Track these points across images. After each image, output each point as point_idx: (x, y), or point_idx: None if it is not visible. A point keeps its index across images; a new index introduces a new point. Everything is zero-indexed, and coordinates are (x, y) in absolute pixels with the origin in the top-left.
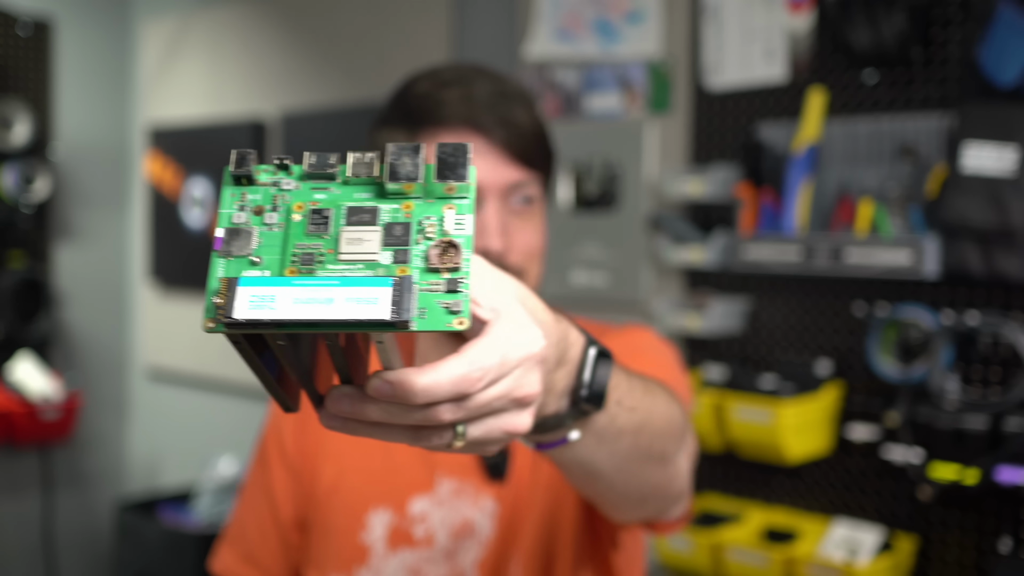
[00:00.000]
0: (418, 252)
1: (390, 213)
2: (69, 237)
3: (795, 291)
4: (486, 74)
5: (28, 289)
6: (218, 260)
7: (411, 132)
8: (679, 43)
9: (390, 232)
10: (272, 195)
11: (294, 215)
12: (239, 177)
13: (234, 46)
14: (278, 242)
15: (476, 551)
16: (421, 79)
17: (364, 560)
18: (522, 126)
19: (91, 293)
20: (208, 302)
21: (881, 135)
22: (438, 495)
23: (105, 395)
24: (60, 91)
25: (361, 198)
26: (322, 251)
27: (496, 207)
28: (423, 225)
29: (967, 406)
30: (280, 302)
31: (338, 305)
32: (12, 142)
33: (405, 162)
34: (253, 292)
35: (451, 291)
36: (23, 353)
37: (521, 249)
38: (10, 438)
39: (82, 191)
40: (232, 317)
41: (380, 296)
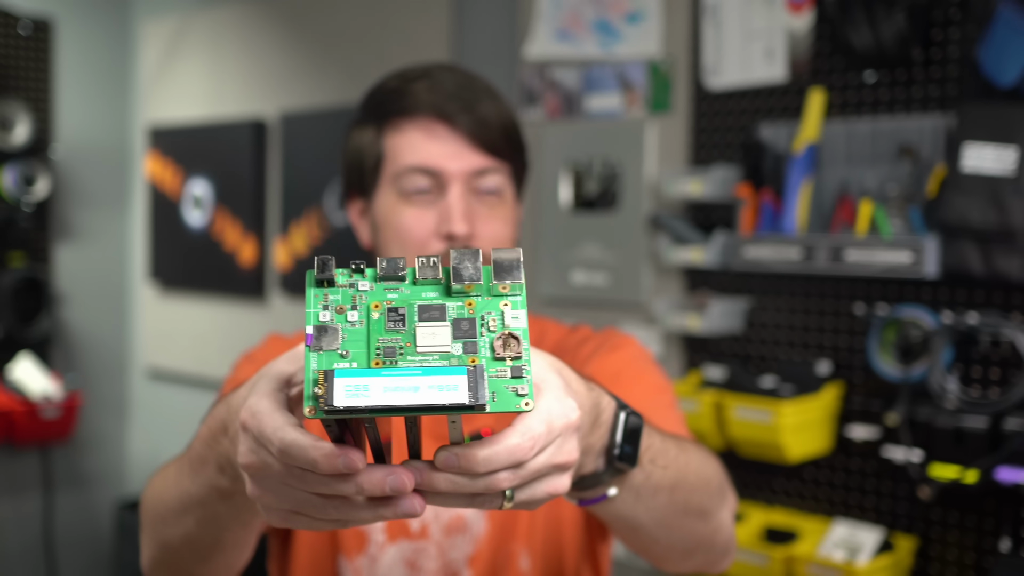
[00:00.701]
0: (484, 343)
1: (456, 310)
2: (69, 237)
3: (795, 291)
4: (453, 69)
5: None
6: (311, 355)
7: (379, 126)
8: (679, 43)
9: (458, 327)
10: (351, 295)
11: (373, 313)
12: (321, 281)
13: (234, 46)
14: (362, 337)
15: (468, 547)
16: (390, 77)
17: (362, 548)
18: (486, 115)
19: (91, 293)
20: (308, 391)
21: (881, 135)
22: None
23: (105, 395)
24: (60, 91)
25: (429, 297)
26: (401, 344)
27: (460, 192)
28: (485, 319)
29: (967, 406)
30: (373, 390)
31: (423, 392)
32: (12, 142)
33: (467, 266)
34: (348, 383)
35: (516, 376)
36: (23, 353)
37: (488, 238)
38: (10, 438)
39: (82, 191)
40: (333, 405)
41: (459, 383)
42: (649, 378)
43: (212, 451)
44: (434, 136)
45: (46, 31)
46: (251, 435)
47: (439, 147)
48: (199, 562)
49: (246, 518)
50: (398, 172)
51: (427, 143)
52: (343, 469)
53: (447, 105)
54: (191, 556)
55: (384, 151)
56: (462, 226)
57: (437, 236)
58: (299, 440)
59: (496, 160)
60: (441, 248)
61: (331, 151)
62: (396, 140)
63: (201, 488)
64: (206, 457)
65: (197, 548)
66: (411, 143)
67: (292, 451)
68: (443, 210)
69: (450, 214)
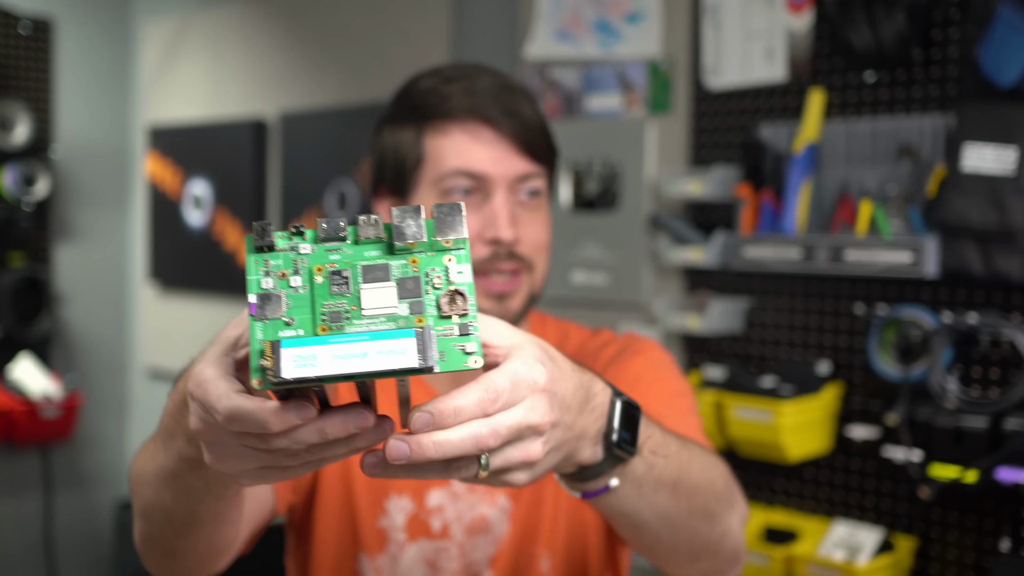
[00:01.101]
0: (430, 302)
1: (400, 269)
2: (69, 237)
3: (795, 291)
4: (487, 70)
5: (28, 289)
6: (256, 324)
7: (419, 126)
8: (679, 43)
9: (403, 286)
10: (292, 259)
11: (316, 277)
12: (261, 247)
13: (234, 46)
14: (306, 303)
15: (490, 548)
16: (424, 76)
17: (383, 546)
18: (528, 118)
19: (91, 293)
20: (255, 362)
21: (881, 135)
22: (454, 488)
23: (105, 395)
24: (60, 91)
25: (372, 256)
26: (347, 308)
27: (505, 198)
28: (430, 276)
29: (967, 406)
30: (321, 360)
31: (372, 358)
32: (12, 142)
33: (409, 224)
34: (296, 353)
35: (463, 334)
36: (23, 353)
37: (530, 241)
38: (10, 438)
39: (82, 191)
40: (281, 377)
41: (407, 347)
42: (669, 383)
43: (178, 423)
44: (478, 139)
45: (46, 31)
46: (198, 404)
47: (484, 151)
48: (178, 536)
49: (218, 490)
50: (441, 175)
51: (471, 146)
52: (297, 421)
53: (490, 108)
54: (171, 530)
55: (425, 152)
56: (509, 232)
57: (482, 240)
58: (244, 405)
59: (537, 165)
60: (486, 252)
61: (331, 151)
62: (439, 142)
63: (172, 461)
64: (174, 430)
65: (175, 522)
66: (455, 146)
67: (239, 417)
68: (488, 215)
69: (496, 219)
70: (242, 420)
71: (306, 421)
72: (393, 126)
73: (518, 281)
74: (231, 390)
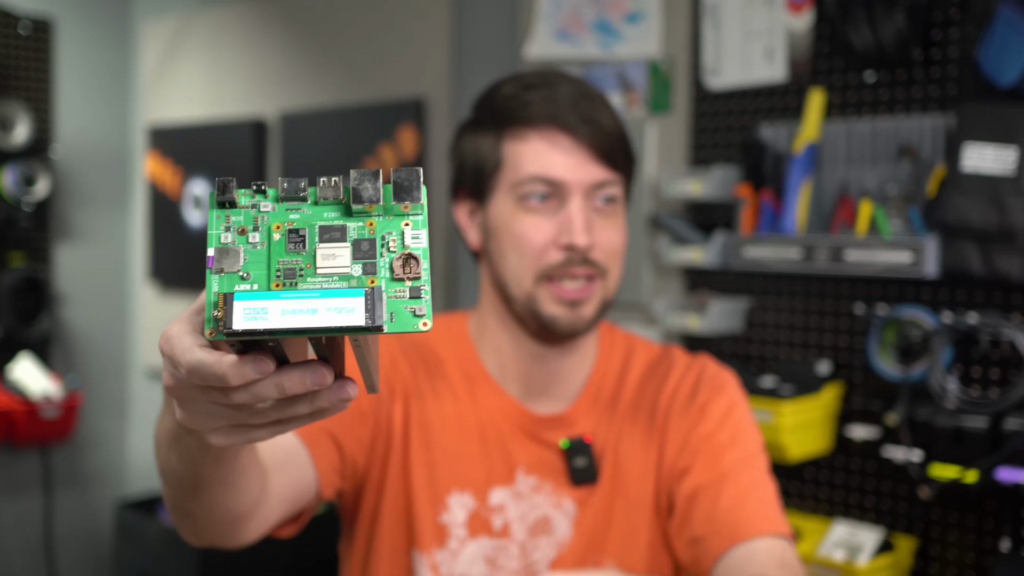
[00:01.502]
0: (383, 264)
1: (357, 230)
2: (69, 237)
3: (795, 291)
4: (568, 77)
5: (28, 289)
6: (212, 277)
7: (498, 132)
8: (679, 43)
9: (358, 247)
10: (253, 216)
11: (274, 234)
12: (223, 202)
13: (234, 46)
14: (263, 259)
15: (551, 551)
16: (506, 82)
17: (443, 542)
18: (606, 126)
19: (91, 293)
20: (208, 313)
21: (881, 135)
22: (517, 488)
23: (105, 395)
24: (60, 91)
25: (330, 217)
26: (302, 266)
27: (580, 204)
28: (386, 240)
29: (967, 406)
30: (271, 313)
31: (321, 314)
32: (12, 142)
33: (367, 187)
34: (247, 305)
35: (414, 297)
36: (23, 353)
37: (605, 248)
38: (10, 438)
39: (82, 191)
40: (231, 328)
41: (356, 305)
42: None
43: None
44: (556, 146)
45: (46, 31)
46: (167, 359)
47: (561, 158)
48: (188, 498)
49: (216, 453)
50: (518, 180)
51: (549, 153)
52: (255, 375)
53: (569, 116)
54: (180, 492)
55: (504, 158)
56: (583, 238)
57: (556, 246)
58: (204, 358)
59: (614, 172)
60: (560, 257)
61: (331, 151)
62: (517, 148)
63: (172, 422)
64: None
65: (183, 484)
66: (533, 152)
67: (200, 370)
68: (563, 220)
69: (571, 225)
70: (202, 373)
71: (263, 375)
72: (474, 131)
73: (592, 288)
74: (195, 344)
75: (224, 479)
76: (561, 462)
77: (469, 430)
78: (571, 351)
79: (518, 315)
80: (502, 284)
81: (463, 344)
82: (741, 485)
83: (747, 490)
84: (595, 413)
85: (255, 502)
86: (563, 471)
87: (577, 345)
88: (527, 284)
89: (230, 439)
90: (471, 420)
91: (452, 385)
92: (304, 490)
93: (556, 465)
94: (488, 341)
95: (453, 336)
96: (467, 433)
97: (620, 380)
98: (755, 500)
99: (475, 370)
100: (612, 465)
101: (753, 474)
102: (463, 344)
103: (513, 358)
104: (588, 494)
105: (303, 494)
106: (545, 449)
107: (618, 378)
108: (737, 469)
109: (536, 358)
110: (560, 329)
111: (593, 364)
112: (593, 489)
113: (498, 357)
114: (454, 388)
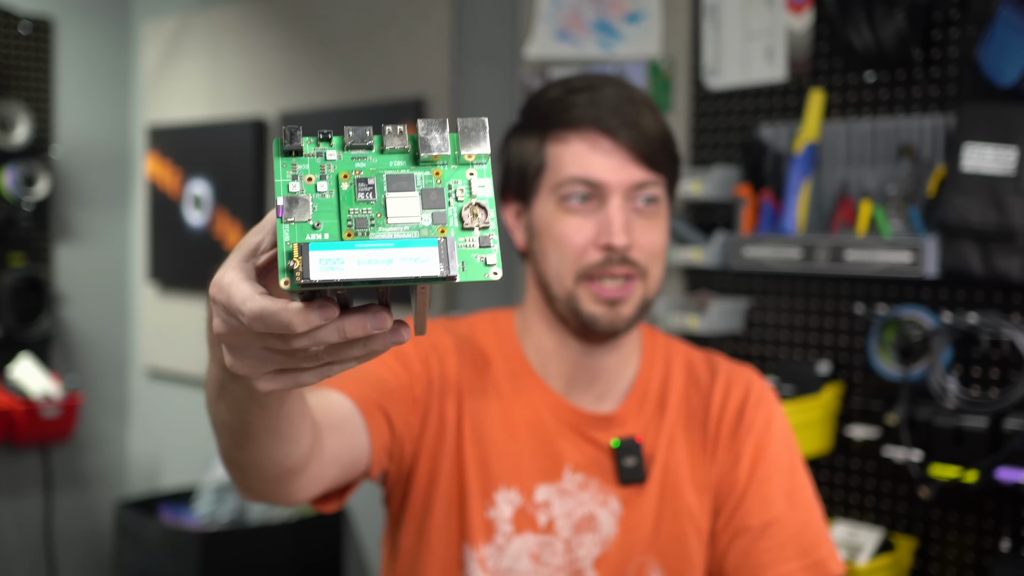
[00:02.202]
0: (452, 213)
1: (424, 180)
2: (69, 237)
3: (795, 291)
4: (614, 81)
5: (28, 289)
6: (283, 226)
7: (542, 135)
8: (679, 43)
9: (427, 197)
10: (319, 165)
11: (343, 183)
12: (288, 151)
13: (234, 46)
14: (332, 208)
15: (596, 548)
16: (552, 86)
17: (490, 537)
18: (647, 129)
19: (91, 293)
20: (283, 263)
21: (881, 135)
22: (563, 485)
23: (105, 395)
24: (60, 91)
25: (397, 166)
26: (372, 215)
27: (619, 204)
28: (453, 189)
29: (967, 406)
30: (348, 263)
31: (396, 265)
32: (12, 142)
33: (435, 136)
34: (323, 256)
35: (483, 246)
36: (23, 353)
37: (644, 248)
38: (10, 438)
39: (82, 191)
40: (309, 279)
41: (430, 255)
42: (785, 466)
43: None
44: (597, 149)
45: (46, 31)
46: (220, 307)
47: (601, 160)
48: (237, 448)
49: (262, 399)
50: (560, 182)
51: (590, 155)
52: (320, 321)
53: (610, 119)
54: (230, 442)
55: (546, 160)
56: (622, 238)
57: (596, 246)
58: (269, 306)
59: (654, 173)
60: (600, 257)
61: None
62: (559, 150)
63: (218, 370)
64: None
65: (233, 434)
66: (574, 154)
67: (264, 317)
68: (603, 221)
69: (610, 226)
70: (267, 320)
71: (328, 321)
72: (519, 134)
73: (631, 287)
74: (255, 292)
75: (272, 428)
76: (609, 461)
77: (517, 427)
78: (613, 350)
79: (560, 314)
80: (544, 283)
81: (509, 342)
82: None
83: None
84: (644, 415)
85: (306, 456)
86: (611, 470)
87: (619, 344)
88: (568, 283)
89: (277, 383)
90: (519, 417)
91: (498, 384)
92: (356, 458)
93: (604, 463)
94: (532, 339)
95: (500, 333)
96: (515, 430)
97: (665, 383)
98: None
99: (521, 368)
100: (662, 470)
101: (806, 495)
102: (509, 342)
103: (556, 356)
104: (635, 494)
105: (355, 462)
106: (594, 447)
107: (663, 381)
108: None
109: (578, 356)
110: (600, 328)
111: (638, 365)
112: (640, 489)
113: (541, 354)
114: (499, 387)
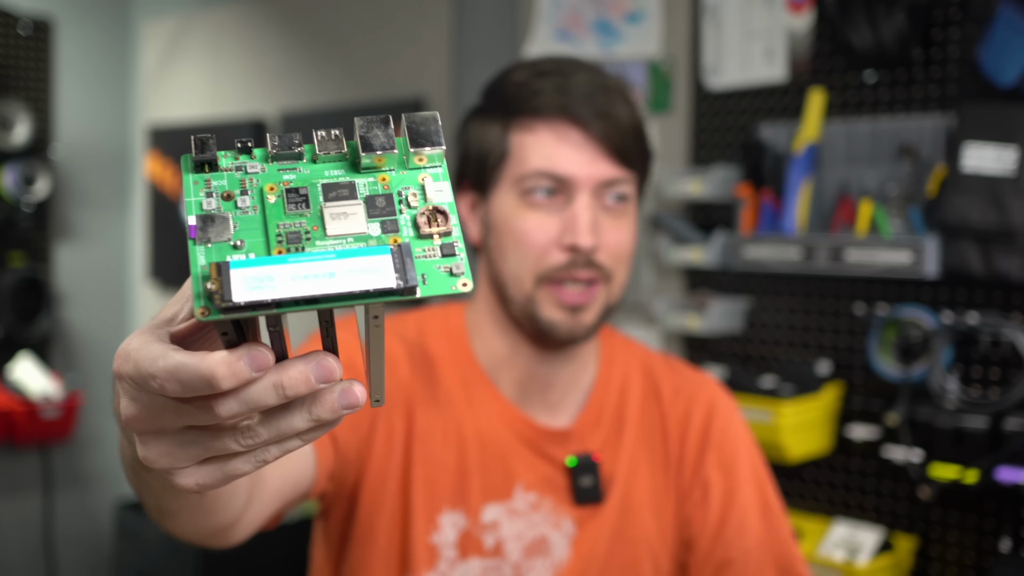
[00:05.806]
0: (405, 221)
1: (368, 187)
2: (69, 237)
3: (795, 291)
4: (586, 67)
5: (28, 289)
6: (197, 248)
7: (506, 122)
8: (679, 43)
9: (372, 204)
10: (239, 179)
11: (268, 196)
12: (201, 164)
13: (234, 46)
14: (257, 225)
15: (547, 573)
16: (518, 68)
17: (432, 563)
18: (620, 121)
19: (91, 293)
20: (198, 288)
21: (881, 135)
22: (513, 505)
23: (105, 395)
24: (60, 91)
25: (334, 175)
26: (307, 228)
27: (587, 202)
28: (403, 195)
29: (967, 406)
30: (279, 280)
31: (341, 278)
32: (12, 142)
33: (377, 134)
34: (247, 274)
35: (447, 255)
36: (23, 353)
37: (611, 250)
38: (10, 438)
39: (82, 191)
40: (231, 301)
41: (381, 265)
42: (754, 480)
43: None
44: (565, 140)
45: (46, 31)
46: (127, 379)
47: (570, 153)
48: (158, 519)
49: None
50: (523, 175)
51: (557, 147)
52: (249, 372)
53: (581, 108)
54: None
55: (509, 149)
56: (588, 239)
57: (559, 246)
58: (186, 359)
59: (626, 170)
60: (563, 259)
61: None
62: (524, 140)
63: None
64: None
65: (150, 510)
66: (540, 145)
67: (180, 373)
68: (568, 219)
69: (576, 225)
70: (184, 378)
71: (261, 371)
72: (481, 118)
73: (594, 292)
74: (168, 349)
75: (196, 507)
76: (564, 479)
77: (467, 441)
78: (570, 358)
79: (515, 317)
80: (500, 284)
81: (460, 345)
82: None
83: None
84: (602, 430)
85: (239, 512)
86: (565, 488)
87: (576, 352)
88: (527, 286)
89: (201, 477)
90: (469, 430)
91: (449, 393)
92: (299, 485)
93: (558, 482)
94: (482, 341)
95: (451, 336)
96: (464, 445)
97: (622, 394)
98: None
99: (472, 374)
100: (623, 492)
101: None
102: (460, 345)
103: (508, 362)
104: (590, 515)
105: (297, 489)
106: (548, 465)
107: (620, 392)
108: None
109: (532, 363)
110: (558, 335)
111: (595, 374)
112: (596, 510)
113: (492, 359)
114: (451, 396)
